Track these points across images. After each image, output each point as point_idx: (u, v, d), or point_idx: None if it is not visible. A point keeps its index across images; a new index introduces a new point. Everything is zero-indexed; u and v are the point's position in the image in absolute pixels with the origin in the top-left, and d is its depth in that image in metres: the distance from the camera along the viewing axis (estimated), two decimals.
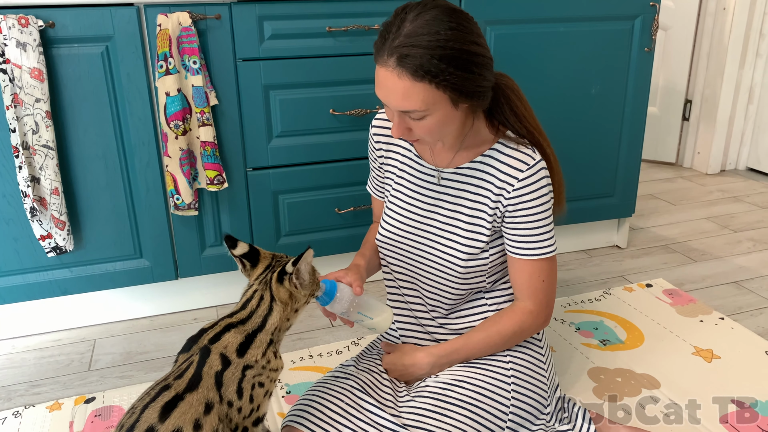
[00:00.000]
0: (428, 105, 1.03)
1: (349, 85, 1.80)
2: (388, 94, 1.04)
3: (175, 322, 1.89)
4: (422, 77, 1.00)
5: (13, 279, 1.69)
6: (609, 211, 2.24)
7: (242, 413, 1.04)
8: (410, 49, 0.99)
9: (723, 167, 3.24)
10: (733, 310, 1.89)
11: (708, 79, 3.09)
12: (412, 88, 1.01)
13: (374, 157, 1.35)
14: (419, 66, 1.00)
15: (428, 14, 1.01)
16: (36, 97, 1.50)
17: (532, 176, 1.15)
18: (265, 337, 1.07)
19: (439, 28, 1.00)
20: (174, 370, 1.04)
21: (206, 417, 0.98)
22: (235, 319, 1.07)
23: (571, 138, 2.08)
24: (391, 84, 1.03)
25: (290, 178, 1.84)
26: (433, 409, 1.17)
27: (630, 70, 2.07)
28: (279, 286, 1.07)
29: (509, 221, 1.19)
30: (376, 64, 1.05)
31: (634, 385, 1.54)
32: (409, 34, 1.00)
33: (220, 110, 1.71)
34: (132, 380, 1.61)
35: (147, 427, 0.94)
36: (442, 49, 1.00)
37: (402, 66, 1.00)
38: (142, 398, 1.00)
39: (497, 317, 1.24)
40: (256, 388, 1.04)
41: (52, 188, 1.57)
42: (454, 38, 1.01)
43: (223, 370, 1.02)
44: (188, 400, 0.98)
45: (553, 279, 1.23)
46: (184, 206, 1.70)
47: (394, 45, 1.00)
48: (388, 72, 1.02)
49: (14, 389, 1.58)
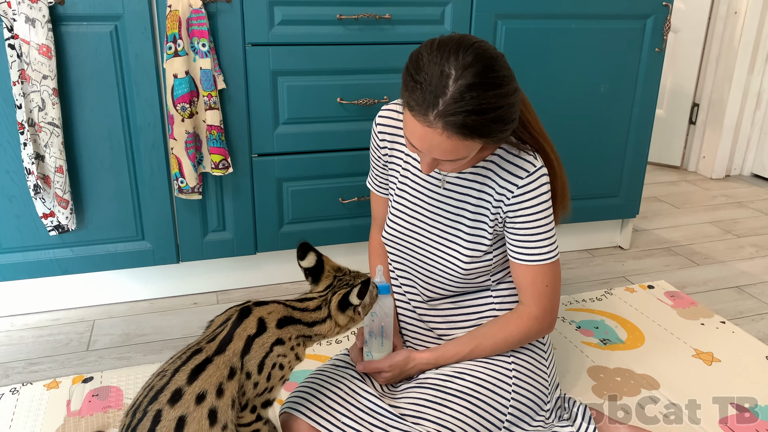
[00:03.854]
0: (470, 153, 1.06)
1: (357, 74, 1.79)
2: (432, 148, 1.04)
3: (174, 305, 1.88)
4: (471, 137, 1.01)
5: (14, 256, 1.68)
6: (613, 211, 2.23)
7: (257, 389, 1.05)
8: (460, 116, 0.98)
9: (728, 172, 3.23)
10: (735, 315, 1.89)
11: (716, 83, 3.08)
12: (460, 145, 1.02)
13: (378, 154, 1.33)
14: (471, 129, 0.99)
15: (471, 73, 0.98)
16: (43, 74, 1.49)
17: (533, 183, 1.14)
18: (306, 330, 1.10)
19: (486, 89, 0.98)
20: (207, 334, 1.06)
21: (229, 383, 1.00)
22: (289, 302, 1.11)
23: (578, 136, 2.07)
24: (437, 142, 1.02)
25: (295, 165, 1.83)
26: (432, 400, 1.17)
27: (640, 69, 2.06)
28: (339, 313, 1.11)
29: (510, 227, 1.18)
30: (413, 116, 1.02)
31: (633, 385, 1.54)
32: (456, 98, 0.98)
33: (227, 95, 1.70)
34: (130, 362, 1.60)
35: (176, 388, 0.97)
36: (492, 111, 0.99)
37: (451, 129, 0.99)
38: (173, 362, 1.02)
39: (503, 324, 1.23)
40: (276, 369, 1.06)
41: (56, 166, 1.56)
42: (499, 96, 1.00)
43: (255, 336, 1.04)
44: (216, 362, 1.00)
45: (557, 284, 1.22)
46: (188, 190, 1.70)
47: (440, 109, 0.98)
48: (435, 132, 1.00)
49: (12, 366, 1.58)
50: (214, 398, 0.98)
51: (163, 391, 0.97)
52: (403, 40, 1.80)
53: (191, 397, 0.97)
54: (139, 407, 0.98)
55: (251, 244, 1.88)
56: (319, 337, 1.12)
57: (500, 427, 1.19)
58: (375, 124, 1.31)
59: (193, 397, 0.97)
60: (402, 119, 1.26)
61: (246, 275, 1.99)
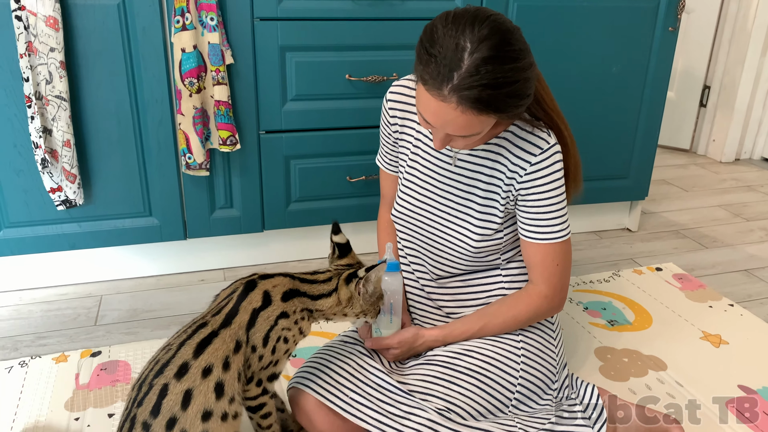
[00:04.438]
0: (484, 128, 1.04)
1: (366, 51, 1.77)
2: (446, 124, 1.02)
3: (181, 282, 1.89)
4: (486, 112, 0.99)
5: (22, 231, 1.68)
6: (622, 193, 2.22)
7: (262, 362, 1.05)
8: (475, 89, 0.96)
9: (738, 156, 3.20)
10: (743, 298, 1.88)
11: (728, 66, 3.04)
12: (474, 120, 1.00)
13: (388, 131, 1.32)
14: (486, 103, 0.97)
15: (487, 46, 0.95)
16: (50, 47, 1.48)
17: (546, 160, 1.13)
18: (310, 304, 1.10)
19: (502, 62, 0.96)
20: (212, 307, 1.06)
21: (235, 356, 1.01)
22: (297, 275, 1.11)
23: (588, 116, 2.05)
24: (451, 117, 1.00)
25: (303, 143, 1.82)
26: (441, 377, 1.17)
27: (653, 49, 2.03)
28: (344, 285, 1.11)
29: (521, 204, 1.17)
30: (427, 90, 1.00)
31: (640, 366, 1.53)
32: (472, 71, 0.95)
33: (236, 70, 1.68)
34: (137, 337, 1.61)
35: (182, 362, 0.97)
36: (508, 85, 0.97)
37: (465, 104, 0.97)
38: (179, 335, 1.02)
39: (513, 303, 1.23)
40: (281, 342, 1.06)
41: (64, 140, 1.56)
42: (516, 70, 0.98)
43: (261, 309, 1.04)
44: (222, 336, 1.00)
45: (568, 263, 1.21)
46: (195, 166, 1.69)
47: (455, 83, 0.96)
48: (450, 107, 0.98)
49: (21, 340, 1.58)
50: (220, 372, 0.98)
51: (168, 365, 0.97)
52: (413, 15, 1.77)
53: (197, 370, 0.97)
54: (145, 381, 0.98)
55: (258, 221, 1.87)
56: (320, 315, 1.12)
57: (508, 405, 1.19)
58: (386, 100, 1.29)
59: (199, 370, 0.97)
60: (413, 95, 1.25)
61: (253, 253, 1.99)
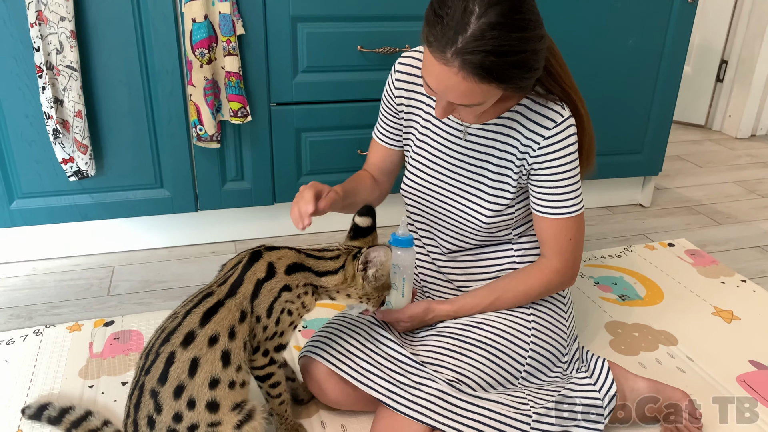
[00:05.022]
0: (486, 99, 1.01)
1: (378, 21, 1.75)
2: (447, 90, 0.99)
3: (192, 254, 1.90)
4: (488, 80, 0.96)
5: (34, 201, 1.69)
6: (636, 168, 2.20)
7: (266, 333, 1.05)
8: (478, 55, 0.93)
9: (754, 132, 3.15)
10: (756, 274, 1.87)
11: (747, 40, 2.98)
12: (476, 88, 0.97)
13: (392, 103, 1.29)
14: (488, 71, 0.94)
15: (495, 12, 0.93)
16: (61, 16, 1.47)
17: (560, 134, 1.11)
18: (315, 279, 1.08)
19: (510, 30, 0.93)
20: (219, 277, 1.07)
21: (240, 325, 1.01)
22: (304, 250, 1.10)
23: (603, 90, 2.02)
24: (452, 83, 0.97)
25: (314, 115, 1.81)
26: (451, 348, 1.17)
27: (670, 22, 1.99)
28: (352, 261, 1.09)
29: (534, 179, 1.15)
30: (431, 52, 0.97)
31: (651, 341, 1.53)
32: (477, 36, 0.93)
33: (246, 41, 1.66)
34: (150, 307, 1.62)
35: (188, 331, 0.98)
36: (513, 54, 0.94)
37: (467, 69, 0.95)
38: (185, 305, 1.02)
39: (524, 277, 1.22)
40: (285, 314, 1.06)
41: (75, 111, 1.55)
42: (523, 40, 0.95)
43: (264, 280, 1.04)
44: (227, 306, 1.01)
45: (580, 238, 1.20)
46: (206, 138, 1.68)
47: (459, 46, 0.93)
48: (451, 71, 0.96)
49: (35, 309, 1.60)
50: (226, 341, 0.99)
51: (175, 333, 0.98)
52: None
53: (204, 339, 0.98)
54: (152, 349, 0.99)
55: (269, 194, 1.87)
56: (324, 291, 1.10)
57: (518, 377, 1.19)
58: (393, 71, 1.27)
59: (205, 339, 0.98)
60: None
61: (264, 225, 1.99)
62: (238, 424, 0.99)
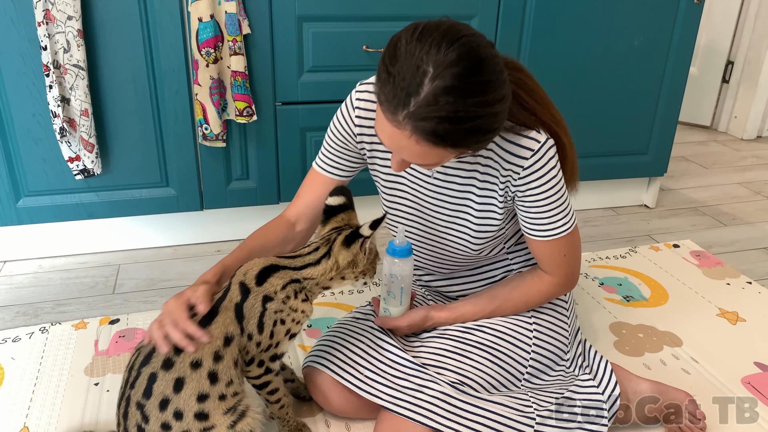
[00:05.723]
0: (442, 159, 0.96)
1: (384, 21, 1.75)
2: (401, 150, 0.94)
3: (198, 252, 1.90)
4: (443, 146, 0.90)
5: (41, 199, 1.70)
6: (641, 169, 2.19)
7: (260, 347, 1.03)
8: (431, 122, 0.87)
9: (760, 133, 3.14)
10: (762, 276, 1.86)
11: (753, 41, 2.97)
12: (430, 152, 0.92)
13: (351, 141, 1.18)
14: (442, 138, 0.89)
15: (450, 74, 0.85)
16: (68, 15, 1.47)
17: (539, 161, 1.06)
18: (294, 275, 1.03)
19: (466, 95, 0.86)
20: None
21: (227, 349, 0.98)
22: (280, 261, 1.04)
23: (608, 90, 2.02)
24: (405, 145, 0.92)
25: (319, 115, 1.81)
26: (453, 350, 1.17)
27: (677, 22, 1.98)
28: (343, 248, 1.03)
29: (520, 204, 1.12)
30: (382, 111, 0.91)
31: (655, 342, 1.53)
32: (430, 100, 0.86)
33: (252, 40, 1.67)
34: (155, 305, 1.63)
35: (165, 358, 0.96)
36: (469, 120, 0.88)
37: (419, 135, 0.89)
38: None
39: (525, 288, 1.21)
40: (278, 325, 1.02)
41: (81, 109, 1.56)
42: (481, 104, 0.87)
43: (242, 302, 1.00)
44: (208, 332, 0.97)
45: (576, 251, 1.18)
46: (212, 137, 1.69)
47: (411, 110, 0.87)
48: (404, 134, 0.90)
49: (41, 306, 1.61)
50: (211, 363, 0.97)
51: (153, 356, 0.96)
52: None
53: (184, 365, 0.96)
54: (133, 367, 0.98)
55: (274, 193, 1.87)
56: (312, 284, 1.04)
57: (520, 378, 1.19)
58: (351, 107, 1.15)
59: (185, 365, 0.96)
60: None
61: None
62: (231, 424, 0.98)
